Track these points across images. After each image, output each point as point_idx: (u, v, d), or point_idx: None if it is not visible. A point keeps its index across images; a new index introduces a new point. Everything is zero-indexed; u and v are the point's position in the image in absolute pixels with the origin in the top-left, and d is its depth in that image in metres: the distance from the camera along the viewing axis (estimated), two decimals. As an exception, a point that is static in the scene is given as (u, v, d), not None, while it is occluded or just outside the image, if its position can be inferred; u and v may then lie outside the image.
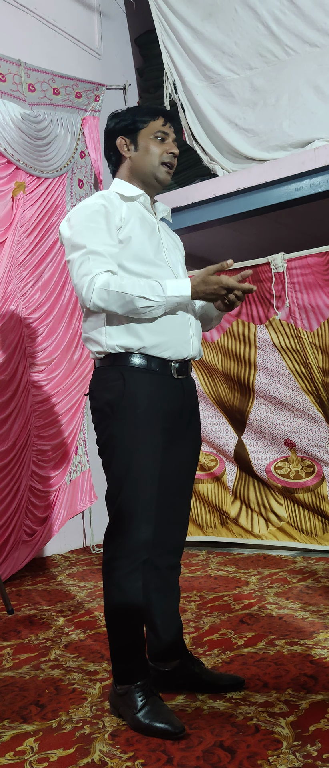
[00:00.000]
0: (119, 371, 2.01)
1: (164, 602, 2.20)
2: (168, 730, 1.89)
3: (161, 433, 2.05)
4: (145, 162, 2.15)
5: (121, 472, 2.01)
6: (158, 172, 2.16)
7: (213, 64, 4.51)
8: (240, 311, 4.22)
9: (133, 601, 2.00)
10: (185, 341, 2.09)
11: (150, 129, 2.15)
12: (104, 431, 2.05)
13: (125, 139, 2.17)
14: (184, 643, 2.27)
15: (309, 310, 3.94)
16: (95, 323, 2.06)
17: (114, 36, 5.28)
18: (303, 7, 4.12)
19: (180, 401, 2.11)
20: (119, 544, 2.01)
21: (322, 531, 4.11)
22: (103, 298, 1.95)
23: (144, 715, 1.94)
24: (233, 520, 4.40)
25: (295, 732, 1.87)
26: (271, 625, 2.82)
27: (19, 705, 2.22)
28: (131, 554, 2.00)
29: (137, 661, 2.03)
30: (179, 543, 2.24)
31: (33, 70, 4.30)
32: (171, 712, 1.97)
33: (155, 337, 2.02)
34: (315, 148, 4.12)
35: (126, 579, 2.00)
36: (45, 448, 4.27)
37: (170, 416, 2.08)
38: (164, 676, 2.20)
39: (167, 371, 2.06)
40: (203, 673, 2.21)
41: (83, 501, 4.58)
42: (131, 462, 2.00)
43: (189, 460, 2.22)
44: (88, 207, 2.06)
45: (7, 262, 4.00)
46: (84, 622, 3.07)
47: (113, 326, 2.02)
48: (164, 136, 2.16)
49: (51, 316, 4.33)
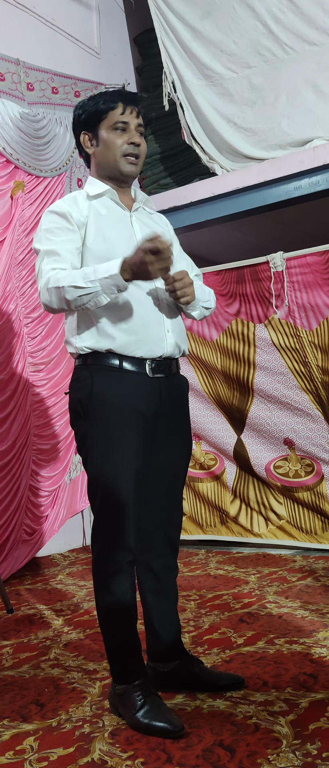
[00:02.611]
0: (89, 371, 2.00)
1: (161, 604, 2.18)
2: (168, 729, 1.89)
3: (137, 433, 1.98)
4: (107, 157, 2.07)
5: (95, 472, 1.99)
6: (121, 165, 2.06)
7: (212, 62, 4.51)
8: (239, 310, 4.22)
9: (121, 602, 1.99)
10: (159, 338, 2.02)
11: (109, 120, 2.05)
12: (77, 431, 2.05)
13: (88, 134, 2.09)
14: (182, 643, 2.26)
15: (308, 309, 3.94)
16: (69, 325, 2.06)
17: (113, 35, 5.28)
18: (301, 6, 4.11)
19: (157, 400, 2.03)
20: (101, 545, 2.00)
21: (322, 530, 4.11)
22: (45, 299, 1.96)
23: (143, 715, 1.94)
24: (232, 518, 4.40)
25: (295, 731, 1.87)
26: (271, 623, 2.82)
27: (18, 704, 2.22)
28: (113, 556, 1.99)
29: (131, 661, 2.02)
30: (173, 544, 2.20)
31: (32, 69, 4.30)
32: (170, 711, 1.98)
33: (126, 336, 1.98)
34: (314, 147, 4.11)
35: (112, 580, 1.99)
36: (45, 447, 4.27)
37: (147, 416, 2.01)
38: (164, 677, 2.20)
39: (143, 370, 2.01)
40: (203, 672, 2.20)
41: (83, 500, 4.57)
42: (104, 462, 1.97)
43: (176, 462, 2.15)
44: (49, 211, 2.06)
45: (6, 261, 4.00)
46: (84, 622, 3.07)
47: (83, 327, 2.01)
48: (124, 125, 2.05)
49: (50, 315, 4.33)
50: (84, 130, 2.09)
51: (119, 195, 2.12)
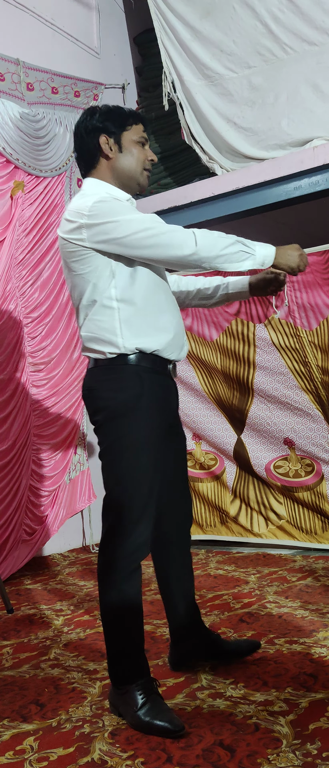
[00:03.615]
0: (135, 372, 2.04)
1: (184, 586, 2.34)
2: (168, 729, 1.90)
3: (164, 434, 2.13)
4: (129, 165, 2.15)
5: (127, 473, 2.03)
6: (140, 176, 2.18)
7: (212, 62, 4.51)
8: (239, 310, 4.21)
9: (132, 602, 2.03)
10: (183, 343, 2.19)
11: (134, 132, 2.16)
12: (111, 432, 2.06)
13: (109, 139, 2.14)
14: (202, 620, 2.40)
15: (308, 309, 3.94)
16: (107, 323, 2.04)
17: (113, 35, 5.28)
18: (301, 6, 4.11)
19: (174, 401, 2.24)
20: (118, 546, 2.02)
21: (322, 530, 4.11)
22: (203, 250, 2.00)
23: (145, 713, 1.95)
24: (232, 518, 4.40)
25: (295, 730, 1.87)
26: (271, 623, 2.82)
27: (18, 704, 2.22)
28: (130, 555, 2.03)
29: (137, 660, 2.04)
30: (187, 529, 2.37)
31: (32, 69, 4.30)
32: (171, 711, 1.98)
33: (166, 339, 2.09)
34: (313, 146, 4.11)
35: (125, 581, 2.02)
36: (44, 447, 4.27)
37: (170, 415, 2.20)
38: (189, 653, 2.35)
39: (167, 372, 2.14)
40: (224, 643, 2.40)
41: (82, 500, 4.58)
42: (138, 463, 2.03)
43: (182, 454, 2.34)
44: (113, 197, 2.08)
45: (6, 261, 4.00)
46: (84, 621, 3.07)
47: (128, 327, 2.04)
48: (145, 141, 2.20)
49: (50, 315, 4.33)
50: (105, 134, 2.14)
51: None
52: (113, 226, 1.99)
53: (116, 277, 2.04)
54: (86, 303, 2.06)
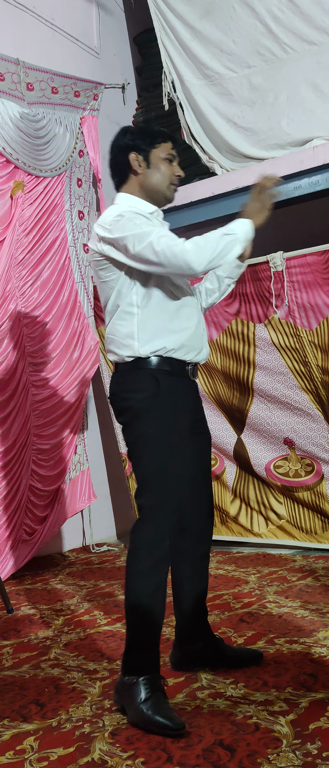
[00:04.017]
0: (151, 374, 2.17)
1: (196, 589, 2.36)
2: (168, 726, 1.93)
3: (184, 431, 2.23)
4: (156, 180, 2.31)
5: (151, 468, 2.16)
6: (167, 190, 2.33)
7: (212, 62, 4.50)
8: (239, 310, 4.21)
9: (152, 596, 2.10)
10: (202, 345, 2.29)
11: (162, 150, 2.31)
12: (135, 431, 2.19)
13: (138, 156, 2.29)
14: (209, 624, 2.43)
15: (308, 308, 3.94)
16: (125, 328, 2.19)
17: (113, 35, 5.28)
18: (301, 5, 4.11)
19: (194, 401, 2.33)
20: (144, 536, 2.14)
21: (322, 529, 4.11)
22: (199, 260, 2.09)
23: (147, 708, 2.00)
24: (232, 518, 4.40)
25: (295, 730, 1.88)
26: (271, 623, 2.82)
27: (19, 704, 2.22)
28: (155, 546, 2.12)
29: (149, 654, 2.10)
30: (208, 531, 2.41)
31: (31, 69, 4.30)
32: (173, 710, 2.01)
33: (182, 340, 2.19)
34: (313, 146, 4.11)
35: (149, 572, 2.11)
36: (45, 447, 4.27)
37: (190, 415, 2.27)
38: (193, 656, 2.37)
39: (185, 374, 2.24)
40: (227, 649, 2.41)
41: (83, 500, 4.57)
42: (161, 458, 2.15)
43: (205, 453, 2.41)
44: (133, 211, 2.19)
45: (6, 261, 4.00)
46: (84, 621, 3.07)
47: (143, 331, 2.17)
48: (173, 158, 2.34)
49: (50, 315, 4.32)
50: (135, 152, 2.29)
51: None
52: (124, 241, 2.13)
53: (137, 284, 2.19)
54: (111, 308, 2.23)
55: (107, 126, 5.10)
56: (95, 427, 4.96)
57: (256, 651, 2.45)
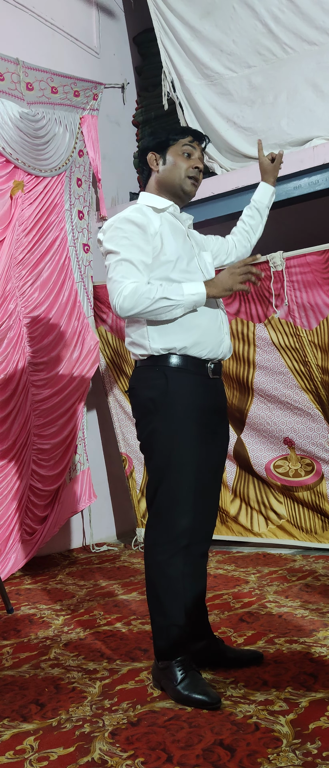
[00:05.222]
0: (162, 371, 2.20)
1: (196, 588, 2.35)
2: (205, 701, 2.05)
3: (198, 429, 2.21)
4: (173, 175, 2.34)
5: (162, 463, 2.19)
6: (184, 184, 2.35)
7: (211, 62, 4.51)
8: (239, 309, 4.21)
9: (173, 584, 2.17)
10: (220, 340, 2.27)
11: (178, 145, 2.35)
12: (146, 426, 2.24)
13: (155, 155, 2.36)
14: (209, 624, 2.44)
15: (308, 308, 3.94)
16: (138, 328, 2.24)
17: (112, 35, 5.28)
18: (301, 6, 4.11)
19: (214, 400, 2.30)
20: (160, 531, 2.19)
21: (322, 529, 4.11)
22: (127, 305, 2.13)
23: (184, 687, 2.11)
24: (232, 518, 4.40)
25: (295, 730, 1.88)
26: (271, 623, 2.82)
27: (19, 704, 2.22)
28: (171, 541, 2.17)
29: (178, 639, 2.17)
30: (210, 531, 2.42)
31: (31, 69, 4.30)
32: (208, 685, 2.15)
33: (195, 339, 2.20)
34: (313, 146, 4.11)
35: (167, 564, 2.17)
36: (45, 446, 4.27)
37: (206, 413, 2.25)
38: (193, 656, 2.34)
39: (204, 371, 2.24)
40: (227, 650, 2.42)
41: (83, 500, 4.57)
42: (171, 454, 2.18)
43: (220, 456, 2.40)
44: (128, 219, 2.23)
45: (6, 261, 4.00)
46: (84, 621, 3.07)
47: (154, 330, 2.20)
48: (191, 151, 2.35)
49: (50, 315, 4.32)
50: (153, 151, 2.37)
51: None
52: (107, 260, 2.24)
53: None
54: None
55: (107, 126, 5.11)
56: (95, 427, 4.96)
57: (256, 652, 2.45)
